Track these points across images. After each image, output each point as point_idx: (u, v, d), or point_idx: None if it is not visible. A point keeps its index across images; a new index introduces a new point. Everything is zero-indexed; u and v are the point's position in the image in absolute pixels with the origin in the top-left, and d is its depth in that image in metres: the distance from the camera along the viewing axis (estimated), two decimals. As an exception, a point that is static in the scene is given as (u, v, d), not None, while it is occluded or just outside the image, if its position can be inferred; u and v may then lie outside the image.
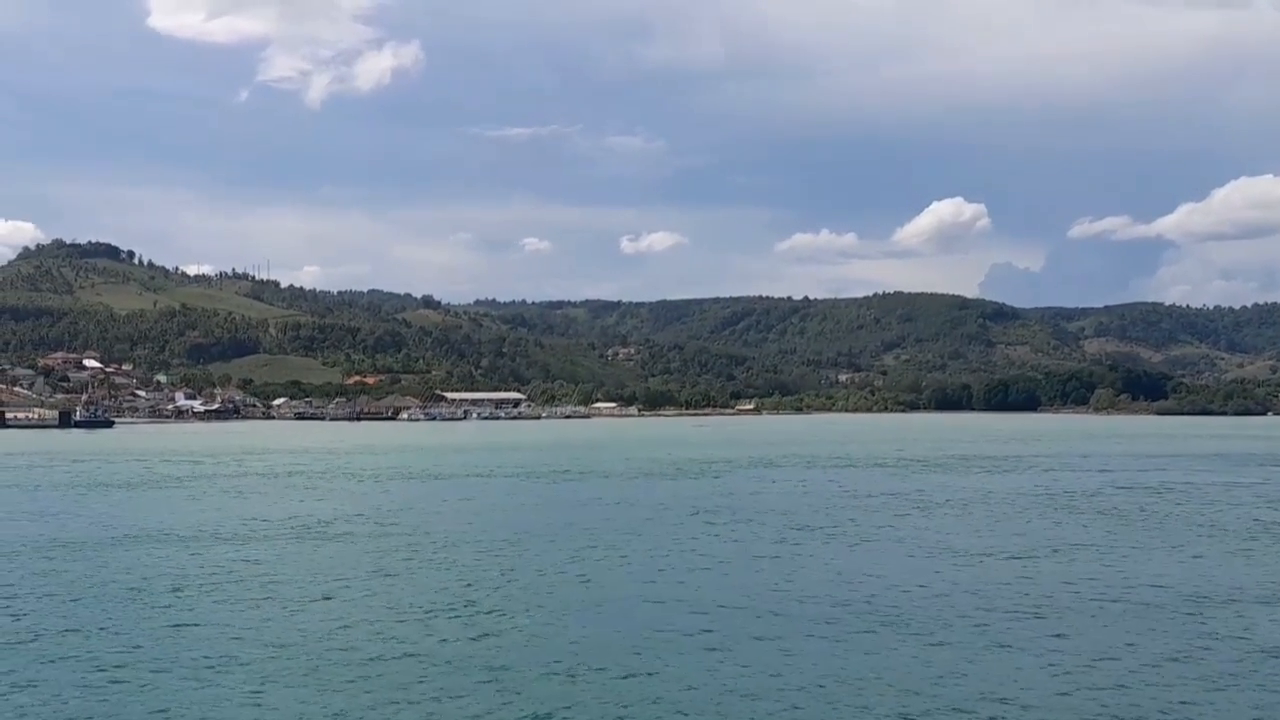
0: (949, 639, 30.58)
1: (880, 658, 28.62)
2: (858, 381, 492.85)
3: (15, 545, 47.51)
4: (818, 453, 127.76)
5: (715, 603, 35.05)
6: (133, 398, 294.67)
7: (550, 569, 41.92)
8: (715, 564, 43.31)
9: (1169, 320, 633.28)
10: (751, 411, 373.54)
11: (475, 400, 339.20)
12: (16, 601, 35.21)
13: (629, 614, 33.73)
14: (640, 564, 43.43)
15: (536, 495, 74.84)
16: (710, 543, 49.47)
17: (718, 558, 44.94)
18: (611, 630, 31.48)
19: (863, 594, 36.87)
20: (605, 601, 35.73)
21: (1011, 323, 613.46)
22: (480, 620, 32.66)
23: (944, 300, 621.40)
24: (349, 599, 35.82)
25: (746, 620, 32.64)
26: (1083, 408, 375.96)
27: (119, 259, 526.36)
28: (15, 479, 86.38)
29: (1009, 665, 28.07)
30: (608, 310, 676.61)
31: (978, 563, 44.08)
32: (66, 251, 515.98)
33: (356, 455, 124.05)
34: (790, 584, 38.86)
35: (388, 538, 50.54)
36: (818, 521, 57.70)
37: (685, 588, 38.00)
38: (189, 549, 46.65)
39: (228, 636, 30.45)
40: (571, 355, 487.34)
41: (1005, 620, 32.91)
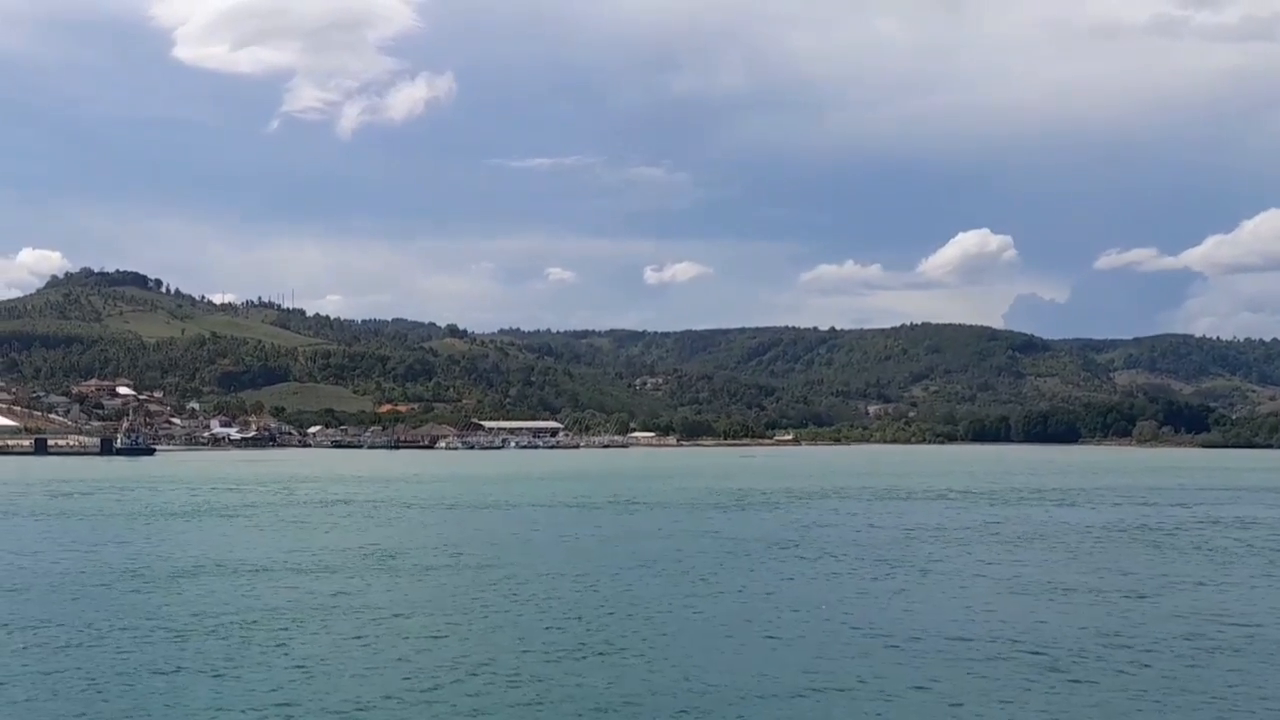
0: (1107, 680, 29.48)
1: (1049, 701, 27.46)
2: (891, 413, 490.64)
3: (93, 578, 46.29)
4: (873, 484, 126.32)
5: (838, 641, 34.05)
6: (168, 425, 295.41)
7: (654, 603, 40.80)
8: (820, 600, 42.06)
9: (1199, 353, 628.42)
10: (790, 442, 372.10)
11: (513, 429, 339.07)
12: (113, 636, 33.94)
13: (756, 652, 32.56)
14: (742, 599, 42.27)
15: (607, 526, 73.62)
16: (804, 577, 48.42)
17: (820, 593, 43.73)
18: (749, 671, 30.14)
19: (990, 631, 35.73)
20: (724, 638, 34.58)
21: (1041, 354, 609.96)
22: (607, 659, 31.55)
23: (972, 331, 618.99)
24: (463, 635, 34.63)
25: (887, 661, 31.33)
26: (1125, 440, 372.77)
27: (146, 287, 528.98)
28: (70, 507, 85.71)
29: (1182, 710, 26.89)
30: (633, 340, 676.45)
31: (1094, 599, 42.77)
32: (95, 280, 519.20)
33: (406, 484, 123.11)
34: (910, 620, 37.60)
35: (471, 570, 49.57)
36: (902, 555, 56.47)
37: (801, 624, 36.87)
38: (270, 581, 45.69)
39: (351, 675, 29.38)
40: (600, 385, 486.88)
41: (1156, 659, 31.75)
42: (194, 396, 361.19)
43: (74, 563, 50.64)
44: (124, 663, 30.58)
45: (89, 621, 36.14)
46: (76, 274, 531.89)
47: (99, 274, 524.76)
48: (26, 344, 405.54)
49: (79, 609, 38.64)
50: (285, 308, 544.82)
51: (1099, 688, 28.74)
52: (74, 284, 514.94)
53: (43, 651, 31.82)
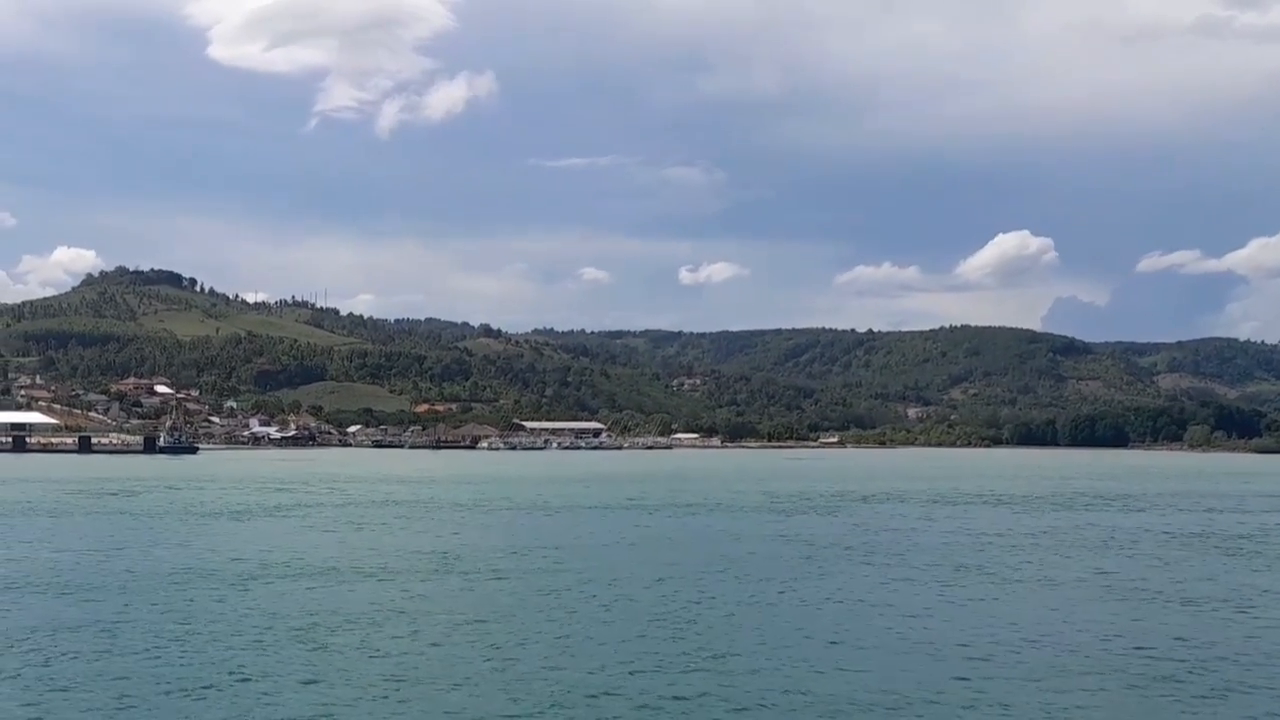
0: (1217, 693, 28.99)
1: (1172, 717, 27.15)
2: (931, 416, 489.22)
3: (161, 579, 45.69)
4: (930, 488, 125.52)
5: (938, 651, 33.55)
6: (207, 424, 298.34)
7: (739, 610, 40.28)
8: (909, 608, 41.46)
9: (1244, 356, 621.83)
10: (835, 445, 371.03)
11: (555, 430, 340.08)
12: (190, 640, 33.54)
13: (858, 661, 32.00)
14: (828, 606, 41.77)
15: (670, 529, 72.90)
16: (886, 584, 47.82)
17: (906, 601, 43.14)
18: (855, 682, 29.70)
19: (1090, 640, 35.34)
20: (822, 647, 34.04)
21: (1082, 357, 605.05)
22: (707, 668, 30.82)
23: (1012, 334, 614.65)
24: (550, 642, 33.98)
25: (993, 672, 30.91)
26: (1176, 445, 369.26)
27: (180, 286, 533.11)
28: (124, 506, 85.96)
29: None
30: (668, 340, 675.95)
31: (1187, 608, 42.24)
32: (129, 279, 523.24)
33: (455, 485, 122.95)
34: (1006, 629, 37.04)
35: (543, 573, 48.93)
36: (979, 561, 55.92)
37: (896, 633, 36.32)
38: (339, 583, 45.26)
39: (449, 686, 28.74)
40: (637, 385, 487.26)
41: (1266, 674, 31.08)
42: (231, 395, 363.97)
43: (138, 564, 50.29)
44: (205, 668, 30.12)
45: (162, 624, 35.84)
46: (111, 273, 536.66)
47: (134, 272, 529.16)
48: (63, 342, 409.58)
49: (150, 611, 38.21)
50: (319, 307, 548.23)
51: (1210, 702, 28.25)
52: (109, 282, 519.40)
53: (119, 655, 31.44)
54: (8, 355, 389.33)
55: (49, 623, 35.78)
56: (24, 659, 30.85)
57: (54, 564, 49.77)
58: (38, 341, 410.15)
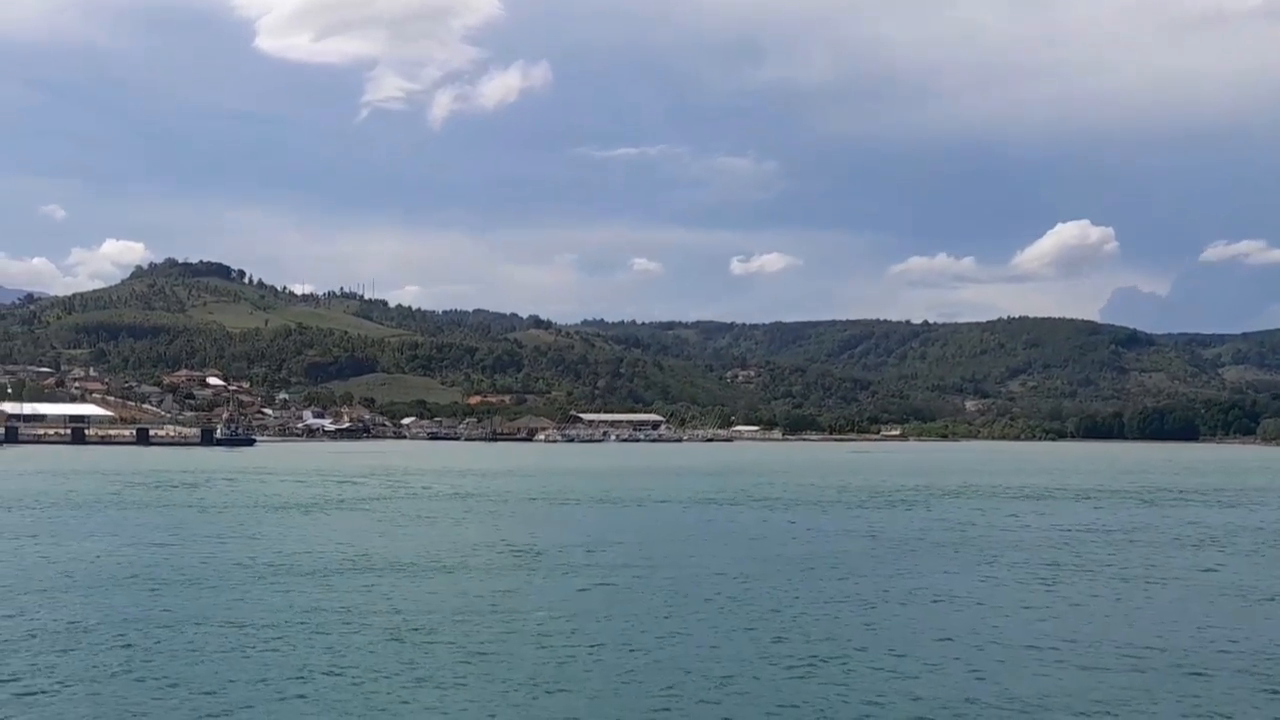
0: None
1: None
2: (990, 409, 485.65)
3: (235, 573, 45.19)
4: (1006, 482, 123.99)
5: (1055, 650, 32.83)
6: (260, 416, 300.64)
7: (841, 609, 39.37)
8: (1011, 605, 40.84)
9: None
10: (898, 438, 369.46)
11: (613, 421, 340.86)
12: (276, 634, 33.12)
13: (976, 663, 31.25)
14: (932, 604, 40.87)
15: (749, 524, 71.77)
16: (984, 581, 46.89)
17: (1009, 598, 42.56)
18: (978, 685, 28.95)
19: (1208, 641, 34.83)
20: (934, 646, 33.25)
21: (1145, 349, 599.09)
22: (820, 670, 30.10)
23: (1071, 325, 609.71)
24: (654, 641, 33.17)
25: (1119, 674, 30.24)
26: (1248, 438, 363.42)
27: (229, 278, 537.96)
28: (186, 499, 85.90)
29: None
30: (720, 332, 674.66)
31: None
32: (178, 270, 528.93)
33: (517, 477, 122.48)
34: (1117, 629, 36.41)
35: (629, 569, 47.92)
36: (1072, 557, 54.97)
37: (1007, 633, 35.58)
38: (420, 579, 44.48)
39: (563, 689, 28.07)
40: (691, 377, 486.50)
41: None
42: (282, 387, 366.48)
43: (214, 558, 49.69)
44: (298, 666, 29.53)
45: (246, 619, 35.29)
46: (160, 264, 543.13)
47: (182, 264, 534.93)
48: (113, 334, 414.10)
49: (233, 607, 37.71)
50: (367, 298, 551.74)
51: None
52: (158, 275, 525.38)
53: (208, 652, 30.93)
54: (59, 348, 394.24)
55: (133, 618, 35.36)
56: (109, 655, 30.47)
57: (129, 558, 49.41)
58: (88, 334, 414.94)
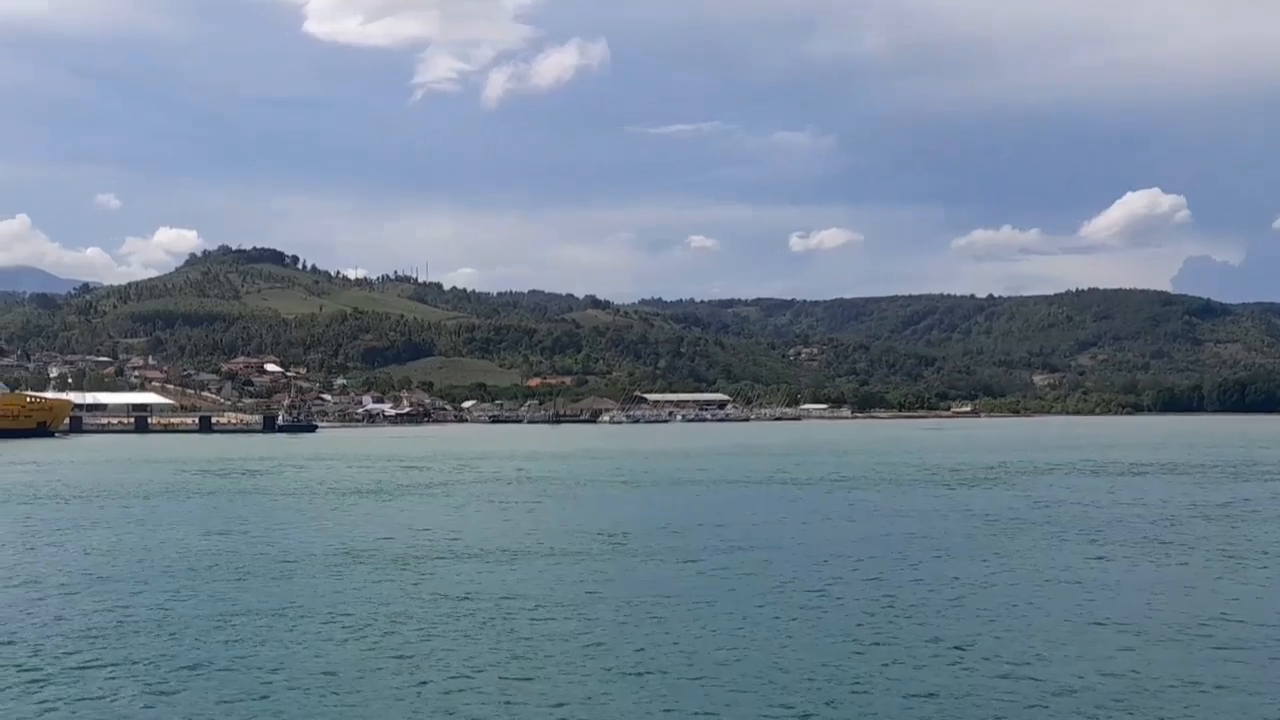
0: None
1: None
2: (1066, 383, 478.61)
3: (317, 561, 43.42)
4: (1090, 458, 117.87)
5: (1186, 632, 30.27)
6: (319, 402, 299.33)
7: (954, 590, 36.65)
8: (1125, 585, 37.85)
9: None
10: (969, 414, 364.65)
11: (678, 401, 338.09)
12: (364, 627, 31.12)
13: (1100, 647, 28.76)
14: (1040, 584, 37.95)
15: (835, 504, 67.28)
16: (1093, 559, 43.94)
17: (1121, 577, 39.45)
18: (1106, 670, 26.37)
19: None
20: (1054, 630, 30.69)
21: (1220, 319, 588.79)
22: (941, 657, 27.62)
23: (1143, 296, 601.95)
24: (765, 628, 30.92)
25: (1255, 659, 27.33)
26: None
27: (283, 264, 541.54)
28: (255, 485, 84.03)
29: None
30: (781, 309, 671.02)
31: None
32: (232, 257, 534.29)
33: (587, 460, 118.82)
34: (1255, 611, 33.34)
35: (718, 553, 45.20)
36: (1178, 535, 51.15)
37: (1129, 614, 32.71)
38: (503, 564, 42.37)
39: (664, 673, 26.14)
40: (753, 355, 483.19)
41: None
42: (339, 373, 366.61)
43: (293, 545, 48.12)
44: (398, 657, 27.86)
45: (338, 607, 33.65)
46: (214, 252, 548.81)
47: (236, 251, 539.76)
48: (169, 322, 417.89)
49: (319, 595, 35.99)
50: (421, 281, 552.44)
51: None
52: (212, 262, 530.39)
53: (302, 642, 29.37)
54: (116, 337, 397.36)
55: (226, 608, 33.52)
56: (211, 646, 28.60)
57: (211, 547, 47.82)
58: (144, 322, 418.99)
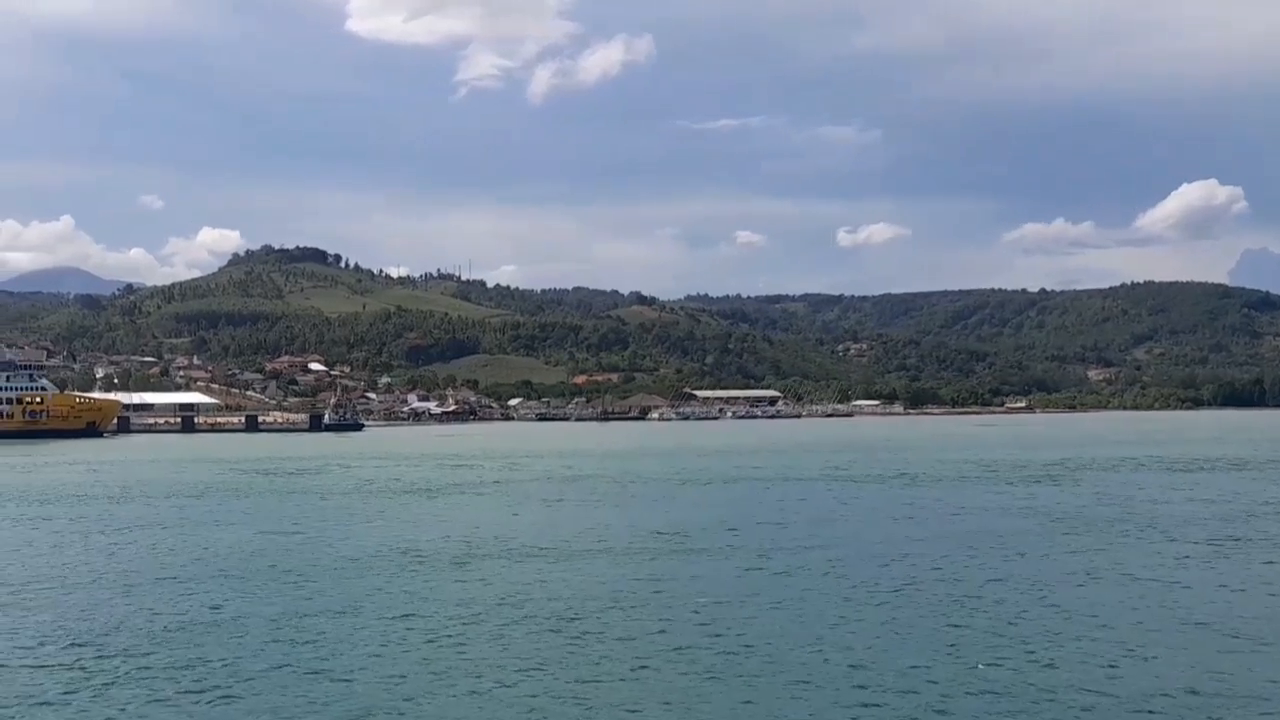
0: None
1: None
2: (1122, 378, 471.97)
3: (368, 560, 42.78)
4: (1152, 453, 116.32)
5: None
6: (364, 400, 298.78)
7: (1022, 589, 35.56)
8: (1202, 585, 36.65)
9: None
10: (1024, 410, 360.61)
11: (729, 398, 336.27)
12: (431, 627, 30.49)
13: (1194, 650, 27.70)
14: (1122, 584, 36.78)
15: (895, 502, 66.68)
16: (1177, 559, 42.62)
17: (1197, 577, 38.29)
18: (1203, 673, 25.39)
19: None
20: (1138, 631, 29.73)
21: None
22: (1030, 659, 26.75)
23: (1199, 289, 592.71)
24: (833, 627, 30.13)
25: None
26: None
27: (326, 263, 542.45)
28: (305, 485, 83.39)
29: None
30: (828, 304, 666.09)
31: None
32: (275, 257, 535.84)
33: (638, 458, 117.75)
34: None
35: (782, 552, 44.23)
36: (1253, 532, 49.72)
37: (1208, 615, 31.66)
38: (560, 563, 41.72)
39: (730, 674, 25.65)
40: (802, 351, 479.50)
41: None
42: (384, 371, 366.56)
43: (346, 545, 47.44)
44: (463, 659, 27.18)
45: (396, 608, 33.08)
46: (257, 251, 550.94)
47: (279, 251, 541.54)
48: (213, 322, 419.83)
49: (377, 595, 35.33)
50: (464, 279, 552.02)
51: None
52: (255, 261, 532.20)
53: (363, 643, 28.82)
54: (160, 337, 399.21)
55: (284, 609, 33.26)
56: (270, 648, 28.38)
57: (264, 547, 47.25)
58: (188, 322, 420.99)
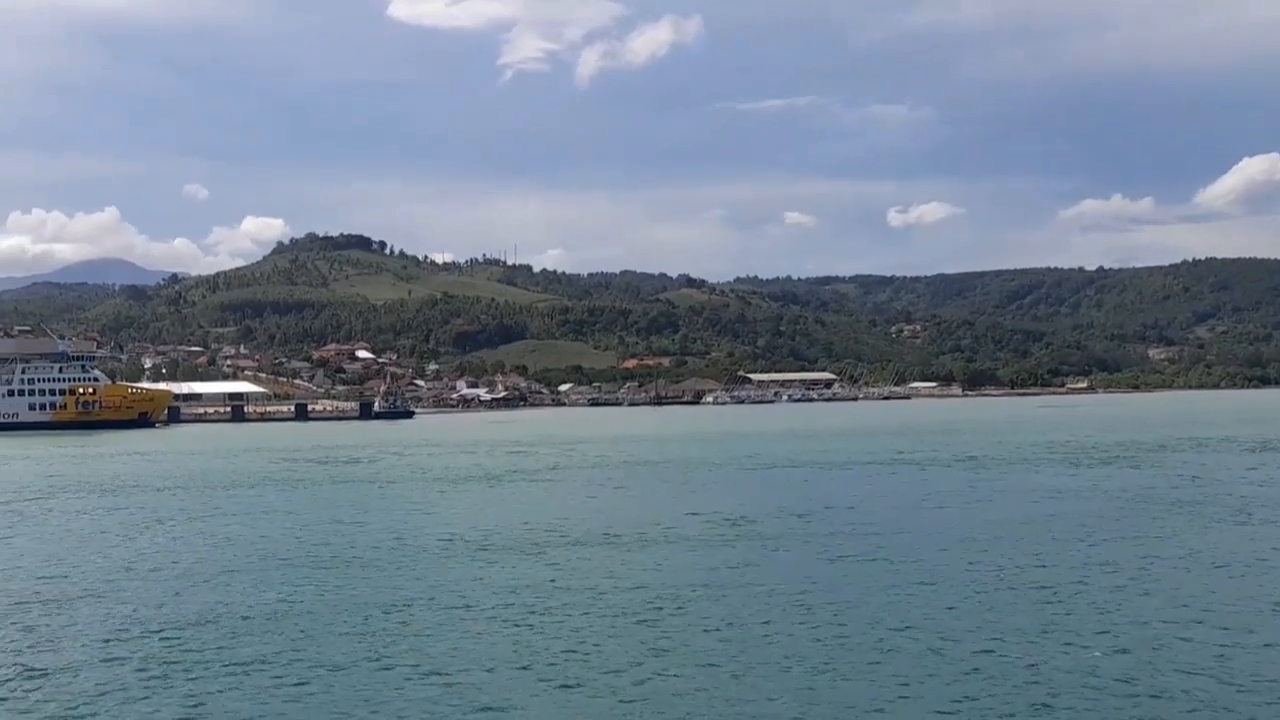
0: None
1: None
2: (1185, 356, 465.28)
3: (437, 549, 42.10)
4: (1226, 434, 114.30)
5: None
6: (413, 387, 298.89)
7: (1117, 574, 34.76)
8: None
9: None
10: (1085, 390, 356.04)
11: (784, 381, 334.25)
12: (515, 616, 30.06)
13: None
14: (1216, 570, 35.84)
15: (969, 485, 65.31)
16: (1261, 541, 41.53)
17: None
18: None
19: None
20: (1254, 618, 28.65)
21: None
22: (1146, 653, 25.65)
23: (1263, 265, 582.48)
24: (922, 619, 29.08)
25: None
26: None
27: (370, 250, 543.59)
28: (361, 474, 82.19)
29: None
30: (880, 286, 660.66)
31: None
32: (320, 245, 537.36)
33: (696, 443, 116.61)
34: None
35: (851, 539, 42.99)
36: None
37: None
38: (628, 551, 40.85)
39: (808, 666, 25.12)
40: (854, 333, 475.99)
41: None
42: (431, 358, 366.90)
43: (409, 533, 46.67)
44: (538, 644, 27.01)
45: (467, 598, 32.51)
46: (301, 239, 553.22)
47: (323, 238, 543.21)
48: (258, 311, 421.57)
49: (445, 586, 34.63)
50: (510, 264, 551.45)
51: None
52: (299, 249, 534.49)
53: (438, 635, 28.32)
54: (206, 326, 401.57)
55: (351, 598, 32.80)
56: (340, 640, 27.88)
57: (325, 536, 46.77)
58: (234, 312, 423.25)
